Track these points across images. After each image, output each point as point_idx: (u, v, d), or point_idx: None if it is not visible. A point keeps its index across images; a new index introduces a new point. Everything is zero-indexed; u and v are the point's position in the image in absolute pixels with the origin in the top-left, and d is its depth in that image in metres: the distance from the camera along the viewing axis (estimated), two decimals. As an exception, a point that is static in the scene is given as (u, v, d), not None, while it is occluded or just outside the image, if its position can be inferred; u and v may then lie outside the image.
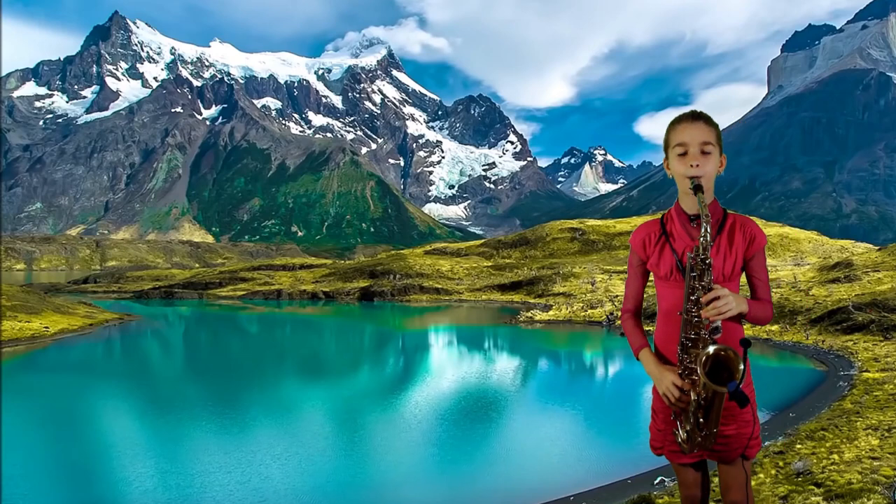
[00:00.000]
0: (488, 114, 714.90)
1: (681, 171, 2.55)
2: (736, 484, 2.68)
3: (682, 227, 2.65)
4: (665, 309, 2.71)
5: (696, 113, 2.58)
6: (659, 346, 2.73)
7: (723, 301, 2.38)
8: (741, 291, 2.63)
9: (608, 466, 13.97)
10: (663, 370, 2.60)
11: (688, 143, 2.52)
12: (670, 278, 2.66)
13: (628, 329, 2.85)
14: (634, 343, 2.77)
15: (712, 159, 2.52)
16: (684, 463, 2.76)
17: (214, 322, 51.93)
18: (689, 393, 2.49)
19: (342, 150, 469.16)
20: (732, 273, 2.60)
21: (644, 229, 2.79)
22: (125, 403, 22.20)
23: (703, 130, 2.53)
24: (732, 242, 2.60)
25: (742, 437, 2.63)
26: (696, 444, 2.53)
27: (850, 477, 9.40)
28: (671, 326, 2.65)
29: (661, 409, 2.76)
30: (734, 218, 2.64)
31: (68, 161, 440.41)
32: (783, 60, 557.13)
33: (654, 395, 2.80)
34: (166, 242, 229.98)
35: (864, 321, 27.75)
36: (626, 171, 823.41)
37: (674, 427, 2.64)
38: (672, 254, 2.65)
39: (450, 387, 23.82)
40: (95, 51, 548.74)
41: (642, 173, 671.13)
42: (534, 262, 72.80)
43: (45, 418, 19.26)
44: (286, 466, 14.10)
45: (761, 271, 2.65)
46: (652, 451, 2.88)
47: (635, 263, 2.83)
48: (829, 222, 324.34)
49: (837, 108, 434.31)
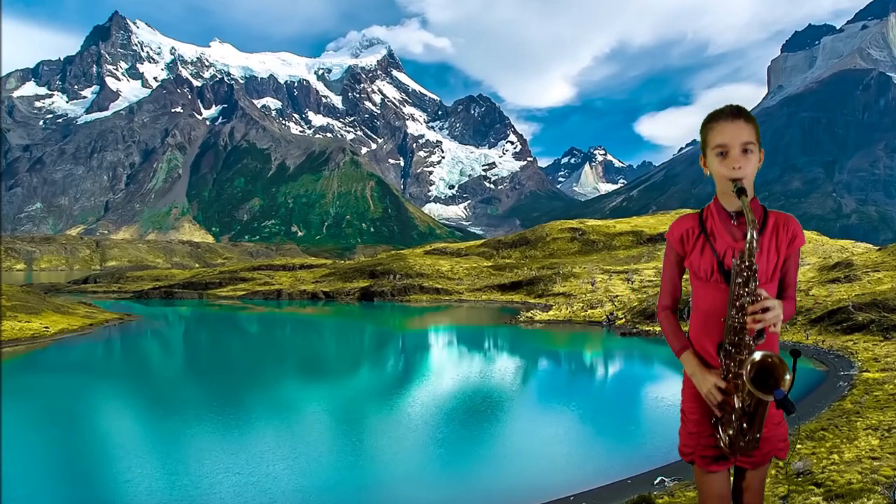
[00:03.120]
0: (488, 114, 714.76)
1: (722, 174, 2.45)
2: (757, 484, 2.66)
3: (723, 226, 2.57)
4: (704, 309, 2.63)
5: (734, 110, 2.46)
6: (694, 346, 2.67)
7: (771, 313, 2.33)
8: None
9: (608, 466, 13.98)
10: (706, 373, 2.54)
11: (729, 144, 2.42)
12: (710, 279, 2.58)
13: (668, 328, 2.76)
14: (676, 344, 2.70)
15: (753, 158, 2.44)
16: (713, 471, 2.65)
17: (214, 322, 51.91)
18: (732, 397, 2.44)
19: (342, 150, 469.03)
20: (773, 274, 2.54)
21: (682, 224, 2.69)
22: (126, 404, 22.20)
23: (743, 129, 2.42)
24: (775, 242, 2.54)
25: (775, 439, 2.61)
26: (739, 450, 2.48)
27: (850, 477, 9.40)
28: (709, 328, 2.59)
29: (693, 412, 2.67)
30: (776, 217, 2.58)
31: (68, 161, 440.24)
32: (783, 60, 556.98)
33: (685, 397, 2.73)
34: (166, 242, 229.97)
35: (864, 321, 27.75)
36: (626, 171, 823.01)
37: (715, 432, 2.57)
38: (713, 254, 2.57)
39: (450, 387, 23.82)
40: (95, 51, 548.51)
41: (642, 173, 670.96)
42: (534, 262, 72.80)
43: (46, 418, 19.25)
44: (294, 467, 14.13)
45: (793, 270, 2.61)
46: (681, 456, 2.78)
47: (672, 259, 2.74)
48: (829, 222, 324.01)
49: (837, 108, 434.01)
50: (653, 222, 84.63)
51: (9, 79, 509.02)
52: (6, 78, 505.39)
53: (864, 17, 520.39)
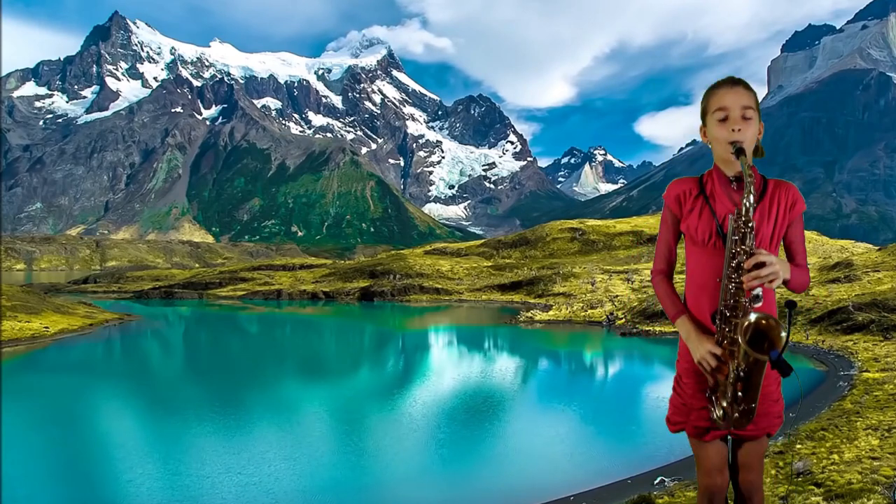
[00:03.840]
0: (488, 114, 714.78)
1: (722, 136, 2.46)
2: (755, 462, 2.63)
3: (722, 190, 2.55)
4: (700, 275, 2.58)
5: (734, 79, 2.50)
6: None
7: (768, 269, 2.28)
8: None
9: (608, 466, 13.98)
10: (702, 338, 2.49)
11: (729, 106, 2.44)
12: (708, 244, 2.54)
13: (662, 292, 2.70)
14: (671, 308, 2.65)
15: (753, 124, 2.45)
16: (706, 441, 2.63)
17: (214, 322, 51.92)
18: (727, 364, 2.40)
19: (342, 150, 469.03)
20: (774, 239, 2.52)
21: (680, 184, 2.67)
22: (126, 404, 22.20)
23: (743, 95, 2.45)
24: (775, 207, 2.53)
25: (771, 414, 2.58)
26: (733, 421, 2.43)
27: (850, 477, 9.40)
28: (705, 298, 2.55)
29: (689, 381, 2.63)
30: (775, 183, 2.57)
31: (68, 161, 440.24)
32: (783, 60, 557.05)
33: (681, 366, 2.69)
34: (166, 242, 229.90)
35: (864, 321, 27.76)
36: (626, 171, 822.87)
37: (708, 403, 2.52)
38: (712, 217, 2.53)
39: (450, 387, 23.83)
40: (95, 51, 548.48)
41: (642, 173, 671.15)
42: (534, 262, 72.80)
43: (46, 418, 19.25)
44: (296, 467, 14.15)
45: (799, 237, 2.59)
46: (669, 427, 2.75)
47: (669, 220, 2.70)
48: (829, 222, 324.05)
49: (837, 108, 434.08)
50: (653, 222, 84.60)
51: (9, 79, 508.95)
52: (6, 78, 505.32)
53: (864, 17, 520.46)
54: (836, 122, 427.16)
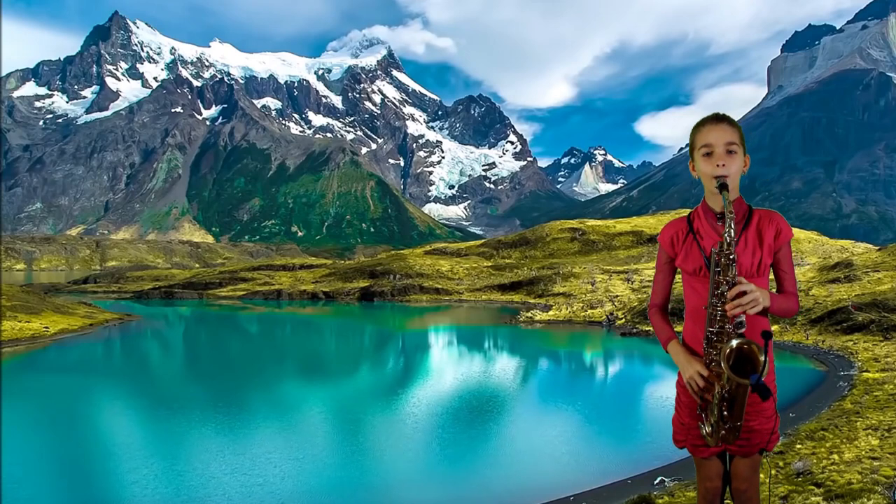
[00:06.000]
0: (488, 114, 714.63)
1: (707, 171, 2.61)
2: (746, 474, 2.76)
3: (708, 225, 2.71)
4: (694, 303, 2.75)
5: (719, 115, 2.66)
6: (687, 339, 2.77)
7: (748, 297, 2.41)
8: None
9: (608, 466, 13.99)
10: (691, 360, 2.65)
11: (713, 143, 2.59)
12: (699, 274, 2.71)
13: (656, 323, 2.89)
14: (663, 335, 2.82)
15: (737, 159, 2.59)
16: (706, 457, 2.80)
17: (214, 322, 51.92)
18: (714, 385, 2.54)
19: (342, 150, 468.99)
20: (761, 268, 2.64)
21: (672, 227, 2.86)
22: (127, 404, 22.20)
23: (727, 131, 2.60)
24: (761, 238, 2.65)
25: (764, 432, 2.70)
26: (721, 438, 2.57)
27: (850, 477, 9.40)
28: (699, 324, 2.68)
29: (686, 402, 2.79)
30: (760, 214, 2.70)
31: (68, 161, 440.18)
32: (783, 60, 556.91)
33: (678, 388, 2.87)
34: (166, 242, 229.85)
35: (864, 321, 27.76)
36: (626, 171, 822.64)
37: (699, 421, 2.67)
38: (700, 252, 2.70)
39: (450, 387, 23.83)
40: (95, 51, 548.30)
41: (642, 173, 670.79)
42: (534, 263, 72.80)
43: (46, 418, 19.24)
44: (300, 467, 14.19)
45: (787, 264, 2.70)
46: (674, 444, 2.93)
47: (663, 260, 2.90)
48: (829, 222, 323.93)
49: (837, 108, 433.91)
50: (653, 222, 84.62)
51: (9, 79, 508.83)
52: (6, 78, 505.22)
53: (864, 17, 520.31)
54: (836, 122, 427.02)
